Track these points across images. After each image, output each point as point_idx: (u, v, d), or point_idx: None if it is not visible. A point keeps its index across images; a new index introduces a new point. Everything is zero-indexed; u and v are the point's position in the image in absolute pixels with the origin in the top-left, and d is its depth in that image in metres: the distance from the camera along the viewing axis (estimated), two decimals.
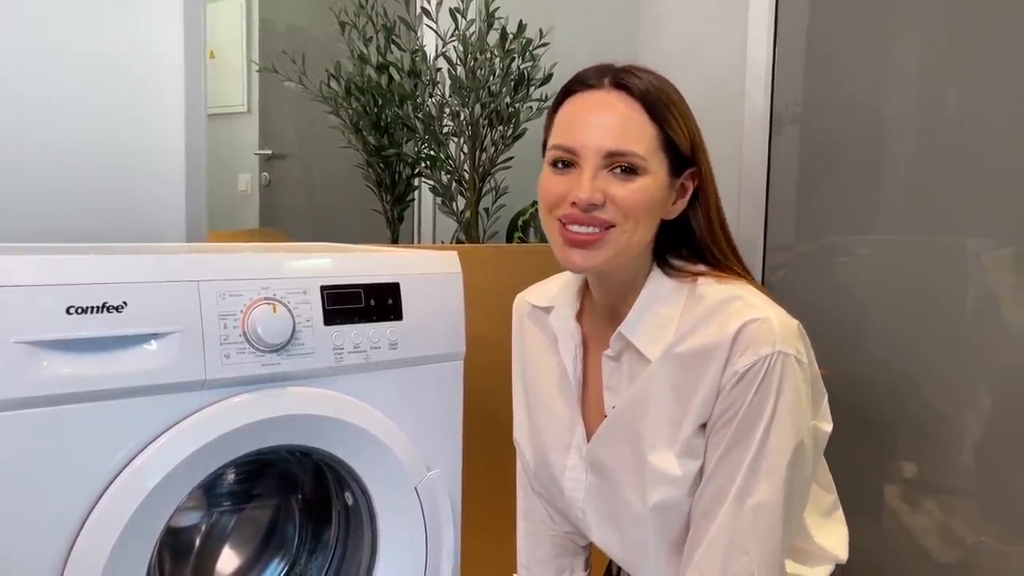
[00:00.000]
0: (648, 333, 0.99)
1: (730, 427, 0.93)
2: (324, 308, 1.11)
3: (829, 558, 1.07)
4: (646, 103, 0.97)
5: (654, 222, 0.99)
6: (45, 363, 0.91)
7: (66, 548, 0.94)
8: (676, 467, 0.96)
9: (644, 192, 0.96)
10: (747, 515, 0.92)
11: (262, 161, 3.37)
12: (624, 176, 0.96)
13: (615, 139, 0.96)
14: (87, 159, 1.60)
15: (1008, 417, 1.89)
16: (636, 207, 0.96)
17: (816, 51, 2.13)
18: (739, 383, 0.92)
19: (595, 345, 1.08)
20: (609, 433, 1.04)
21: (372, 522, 1.19)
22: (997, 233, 1.86)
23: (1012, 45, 1.79)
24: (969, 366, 1.93)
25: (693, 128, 1.00)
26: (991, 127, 1.84)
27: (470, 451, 1.28)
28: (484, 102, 1.92)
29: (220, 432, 1.01)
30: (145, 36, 1.65)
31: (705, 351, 0.94)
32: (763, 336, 0.91)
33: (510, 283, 1.28)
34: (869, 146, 2.06)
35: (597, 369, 1.06)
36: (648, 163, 0.96)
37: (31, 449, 0.91)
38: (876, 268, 2.05)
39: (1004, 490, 1.90)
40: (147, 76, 1.66)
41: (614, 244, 0.97)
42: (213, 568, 1.30)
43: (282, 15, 3.45)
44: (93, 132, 1.61)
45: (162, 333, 0.99)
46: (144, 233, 1.67)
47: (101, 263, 0.97)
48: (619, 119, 0.97)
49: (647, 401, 0.99)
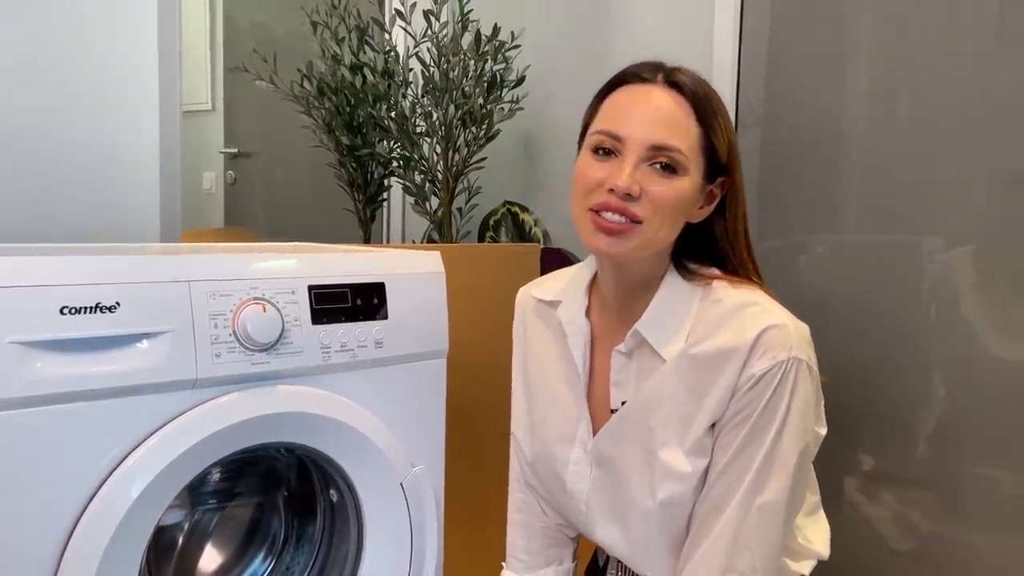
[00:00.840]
0: (663, 332, 1.01)
1: (743, 427, 0.96)
2: (312, 307, 1.13)
3: (813, 554, 1.11)
4: (695, 104, 0.99)
5: (680, 223, 1.01)
6: (39, 363, 0.92)
7: (61, 546, 0.94)
8: (686, 464, 0.99)
9: (679, 192, 0.97)
10: (754, 513, 0.96)
11: (227, 159, 3.35)
12: (663, 173, 0.97)
13: (662, 133, 0.97)
14: (59, 158, 1.59)
15: (962, 410, 1.96)
16: (668, 205, 0.97)
17: (777, 54, 2.19)
18: (755, 386, 0.95)
19: (602, 340, 1.10)
20: (618, 428, 1.06)
21: (358, 518, 1.21)
22: (947, 233, 1.94)
23: (961, 53, 1.86)
24: (925, 361, 2.00)
25: (732, 138, 1.02)
26: (941, 132, 1.92)
27: (449, 447, 1.30)
28: (458, 103, 1.94)
29: (212, 430, 1.03)
30: (119, 34, 1.64)
31: (723, 353, 0.97)
32: (781, 342, 0.95)
33: (486, 282, 1.30)
34: (828, 148, 2.12)
35: (603, 364, 1.08)
36: (688, 162, 0.98)
37: (26, 448, 0.92)
38: (835, 267, 2.11)
39: (959, 481, 1.98)
40: (121, 74, 1.65)
41: (640, 238, 0.98)
42: (196, 566, 1.31)
43: (246, 12, 3.43)
44: (65, 131, 1.60)
45: (154, 333, 1.00)
46: (117, 232, 1.67)
47: (94, 264, 0.97)
48: (668, 115, 0.98)
49: (660, 399, 1.01)
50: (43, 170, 1.57)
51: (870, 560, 2.09)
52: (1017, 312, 1.88)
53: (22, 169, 1.55)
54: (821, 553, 1.12)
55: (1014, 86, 1.79)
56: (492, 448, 1.13)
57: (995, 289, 1.89)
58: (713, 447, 0.99)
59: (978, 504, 1.94)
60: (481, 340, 1.55)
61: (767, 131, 2.31)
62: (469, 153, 2.02)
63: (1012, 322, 1.88)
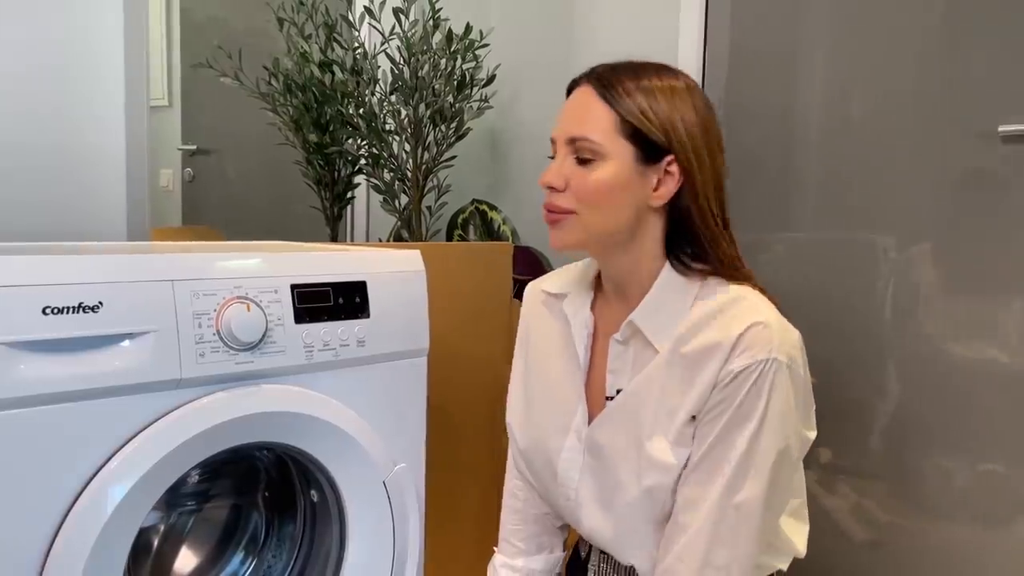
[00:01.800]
0: (657, 323, 1.04)
1: (718, 422, 0.98)
2: (295, 307, 1.12)
3: (792, 551, 1.15)
4: (601, 89, 1.02)
5: (624, 207, 1.02)
6: (22, 364, 0.90)
7: (45, 549, 0.93)
8: (671, 456, 1.01)
9: (598, 180, 1.01)
10: (731, 511, 0.98)
11: (185, 156, 3.29)
12: (582, 164, 1.02)
13: (574, 126, 1.02)
14: (23, 156, 1.56)
15: (916, 404, 2.02)
16: (589, 194, 1.01)
17: (736, 57, 2.23)
18: (732, 382, 0.97)
19: (603, 330, 1.12)
20: (610, 417, 1.08)
21: (341, 516, 1.21)
22: (901, 231, 2.00)
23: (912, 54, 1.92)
24: (880, 355, 2.06)
25: (672, 116, 1.01)
26: (894, 132, 1.97)
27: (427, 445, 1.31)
28: (428, 101, 1.95)
29: (199, 430, 1.02)
30: (84, 26, 1.61)
31: (708, 349, 0.99)
32: (761, 341, 0.97)
33: (460, 281, 1.31)
34: (786, 148, 2.17)
35: (602, 353, 1.10)
36: (605, 148, 1.00)
37: (10, 450, 0.90)
38: (792, 264, 2.16)
39: (912, 473, 2.04)
40: (86, 68, 1.62)
41: (579, 227, 1.03)
42: (172, 566, 1.30)
43: (203, 7, 3.38)
44: (29, 128, 1.56)
45: (137, 333, 0.99)
46: (83, 231, 1.64)
47: (76, 263, 0.96)
48: (580, 107, 1.03)
49: (650, 390, 1.04)
50: (6, 167, 1.54)
51: (830, 551, 2.15)
52: (968, 309, 1.94)
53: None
54: (799, 551, 1.15)
55: (963, 87, 1.85)
56: (468, 445, 1.14)
57: (948, 286, 1.96)
58: (692, 437, 1.02)
59: (932, 494, 2.00)
60: (456, 338, 1.56)
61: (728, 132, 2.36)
62: (439, 151, 2.03)
63: (964, 319, 1.95)
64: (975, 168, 1.88)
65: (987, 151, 1.83)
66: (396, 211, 2.08)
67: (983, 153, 1.84)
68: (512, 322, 1.81)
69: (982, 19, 1.81)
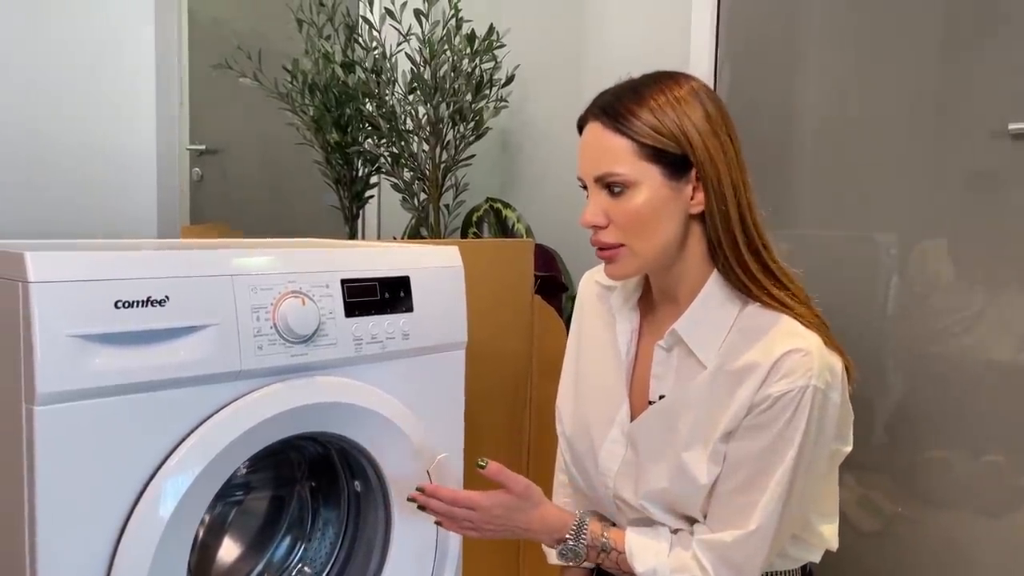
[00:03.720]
0: (700, 335, 1.06)
1: (752, 445, 1.02)
2: (345, 301, 1.16)
3: (825, 545, 1.19)
4: (607, 120, 1.03)
5: (668, 225, 1.04)
6: (96, 358, 0.93)
7: (116, 535, 0.96)
8: (704, 472, 1.04)
9: (636, 207, 1.03)
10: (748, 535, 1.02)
11: (193, 157, 3.30)
12: (614, 196, 1.04)
13: (596, 164, 1.04)
14: (57, 155, 1.59)
15: (919, 398, 2.07)
16: (631, 223, 1.03)
17: (748, 53, 2.27)
18: (771, 407, 1.00)
19: (650, 330, 1.15)
20: (650, 420, 1.11)
21: (386, 503, 1.24)
22: (904, 229, 2.04)
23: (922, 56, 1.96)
24: (882, 350, 2.10)
25: (683, 123, 1.01)
26: (902, 132, 2.02)
27: None
28: (448, 101, 1.98)
29: (257, 420, 1.05)
30: (117, 27, 1.63)
31: (748, 368, 1.02)
32: (802, 368, 0.99)
33: (483, 277, 1.34)
34: (792, 145, 2.21)
35: (648, 354, 1.13)
36: (632, 176, 1.02)
37: (82, 440, 0.93)
38: (797, 260, 2.20)
39: (917, 465, 2.08)
40: (119, 69, 1.65)
41: (632, 258, 1.05)
42: (215, 556, 1.33)
43: (206, 8, 3.39)
44: (62, 128, 1.59)
45: (200, 326, 1.02)
46: (115, 228, 1.66)
47: (144, 259, 0.99)
48: (595, 144, 1.05)
49: (691, 403, 1.06)
50: (38, 166, 1.56)
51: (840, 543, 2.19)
52: (973, 304, 1.99)
53: (18, 165, 1.54)
54: (832, 544, 1.19)
55: (974, 85, 1.89)
56: (491, 440, 1.17)
57: (953, 282, 2.00)
58: (725, 455, 1.05)
59: (936, 486, 2.05)
60: (480, 333, 1.59)
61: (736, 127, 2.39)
62: (457, 150, 2.06)
63: (968, 315, 2.00)
64: (985, 166, 1.93)
65: (997, 149, 1.88)
66: (415, 209, 2.11)
67: (993, 151, 1.88)
68: (534, 318, 1.85)
69: (993, 15, 1.85)
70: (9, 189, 1.52)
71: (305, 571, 1.32)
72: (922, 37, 1.97)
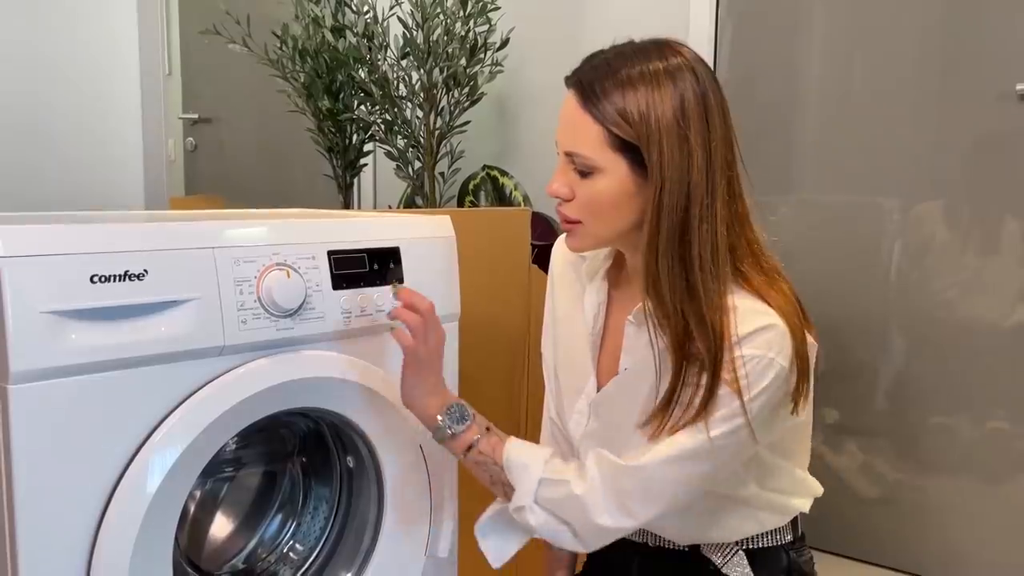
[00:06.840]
0: None
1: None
2: (332, 273, 1.13)
3: (813, 492, 1.17)
4: (581, 98, 0.98)
5: (627, 215, 1.00)
6: (72, 334, 0.90)
7: (98, 515, 0.94)
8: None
9: (598, 193, 0.99)
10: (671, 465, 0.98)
11: (186, 125, 3.26)
12: (581, 176, 1.00)
13: (568, 140, 1.00)
14: (40, 126, 1.55)
15: (921, 364, 2.05)
16: (591, 206, 1.00)
17: (746, 20, 2.22)
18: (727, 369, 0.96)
19: (620, 300, 1.12)
20: (614, 391, 1.09)
21: (378, 478, 1.22)
22: (907, 194, 2.01)
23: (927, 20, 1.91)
24: (885, 315, 2.08)
25: (647, 116, 0.94)
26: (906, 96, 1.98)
27: None
28: (442, 66, 1.93)
29: (243, 396, 1.03)
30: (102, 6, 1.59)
31: None
32: (764, 344, 0.95)
33: (479, 246, 1.31)
34: (794, 110, 2.17)
35: (620, 324, 1.10)
36: (598, 163, 0.98)
37: (60, 418, 0.91)
38: (799, 225, 2.17)
39: (918, 431, 2.07)
40: (102, 41, 1.61)
41: (588, 236, 1.03)
42: (208, 531, 1.31)
43: None
44: (50, 101, 1.55)
45: (182, 300, 0.99)
46: (101, 201, 1.64)
47: (122, 231, 0.96)
48: (569, 119, 0.99)
49: (647, 377, 1.03)
50: (28, 141, 1.53)
51: (839, 508, 2.19)
52: (976, 268, 1.96)
53: (8, 140, 1.50)
54: (817, 491, 1.17)
55: (980, 46, 1.85)
56: (488, 411, 1.14)
57: (956, 246, 1.97)
58: None
59: (938, 452, 2.04)
60: (476, 303, 1.56)
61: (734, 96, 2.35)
62: (452, 117, 2.02)
63: (971, 278, 1.97)
64: (992, 128, 1.88)
65: (1005, 111, 1.84)
66: (409, 177, 2.07)
67: (1001, 113, 1.84)
68: (531, 288, 1.82)
69: None
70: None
71: (297, 547, 1.30)
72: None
